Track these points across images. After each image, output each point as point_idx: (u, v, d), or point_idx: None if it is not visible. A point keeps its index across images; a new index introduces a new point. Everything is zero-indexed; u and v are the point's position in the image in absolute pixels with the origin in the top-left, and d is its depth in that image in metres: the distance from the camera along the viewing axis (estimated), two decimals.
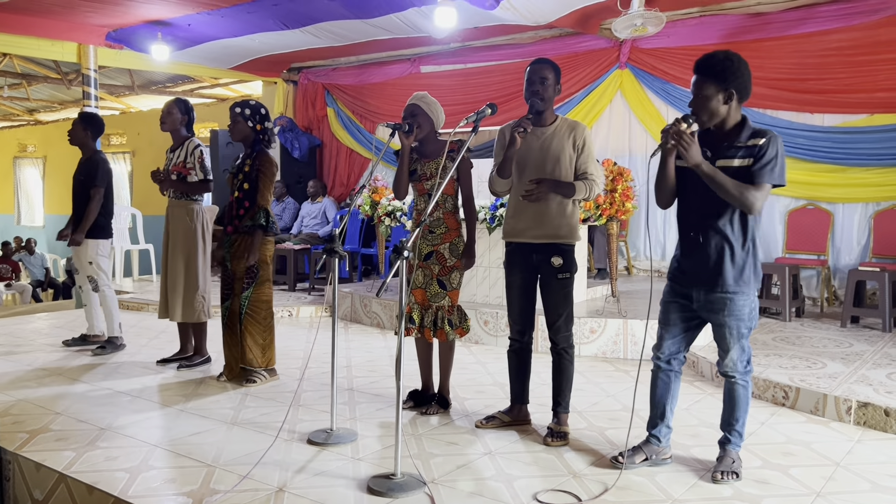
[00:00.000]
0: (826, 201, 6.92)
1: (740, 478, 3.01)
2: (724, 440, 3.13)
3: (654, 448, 3.18)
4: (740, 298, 2.93)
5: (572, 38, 8.16)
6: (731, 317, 2.95)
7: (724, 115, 2.89)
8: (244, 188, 4.37)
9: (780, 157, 2.83)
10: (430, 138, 3.87)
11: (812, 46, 6.86)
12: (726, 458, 3.07)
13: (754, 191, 2.80)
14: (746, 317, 2.97)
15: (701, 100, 2.88)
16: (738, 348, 3.00)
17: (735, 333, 2.98)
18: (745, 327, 2.98)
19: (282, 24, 7.88)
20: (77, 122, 5.45)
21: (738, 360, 3.03)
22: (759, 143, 2.83)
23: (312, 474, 3.06)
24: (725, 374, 3.09)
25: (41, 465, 3.17)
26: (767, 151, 2.82)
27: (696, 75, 2.90)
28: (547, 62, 3.52)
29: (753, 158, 2.83)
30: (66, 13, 7.82)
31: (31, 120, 16.19)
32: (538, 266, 3.54)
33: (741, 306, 2.94)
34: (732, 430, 3.10)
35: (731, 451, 3.09)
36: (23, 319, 7.06)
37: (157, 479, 3.02)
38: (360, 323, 6.76)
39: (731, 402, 3.10)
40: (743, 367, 3.05)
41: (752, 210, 2.83)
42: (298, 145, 10.22)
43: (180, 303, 4.85)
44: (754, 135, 2.87)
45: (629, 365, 5.10)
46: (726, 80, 2.85)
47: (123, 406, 4.04)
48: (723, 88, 2.85)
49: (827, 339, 5.33)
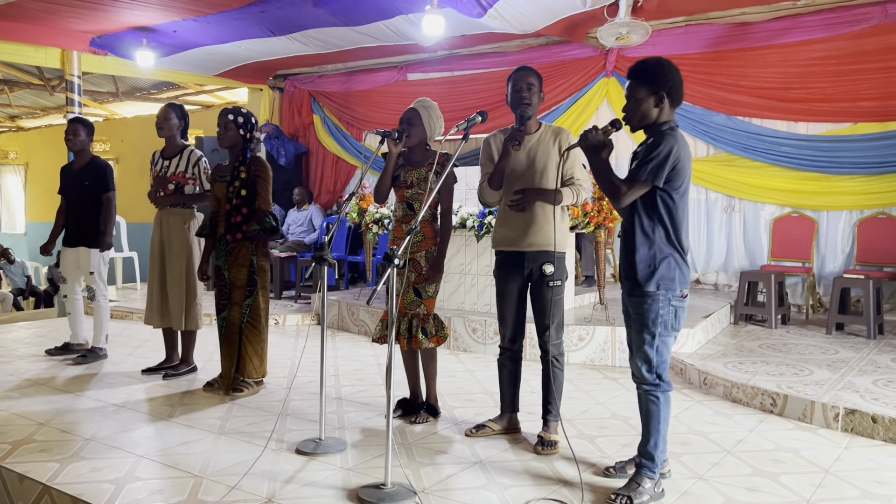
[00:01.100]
0: (811, 209, 6.99)
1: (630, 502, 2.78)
2: (638, 461, 2.95)
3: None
4: (642, 299, 2.87)
5: (559, 46, 8.19)
6: (634, 318, 2.91)
7: (656, 117, 2.91)
8: (241, 195, 4.32)
9: (659, 156, 2.78)
10: (419, 148, 3.86)
11: (796, 56, 6.93)
12: (632, 482, 2.88)
13: (625, 184, 2.83)
14: (650, 321, 2.85)
15: (633, 103, 2.92)
16: (641, 354, 2.89)
17: (637, 336, 2.89)
18: (648, 332, 2.86)
19: (268, 31, 7.84)
20: (79, 127, 5.38)
21: (642, 365, 2.88)
22: (650, 142, 2.87)
23: (301, 484, 3.02)
24: (635, 382, 2.96)
25: (24, 476, 3.11)
26: (651, 148, 2.82)
27: (629, 80, 2.96)
28: (531, 69, 3.54)
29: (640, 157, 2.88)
30: (49, 19, 7.74)
31: (12, 126, 16.01)
32: (529, 274, 3.54)
33: (645, 309, 2.86)
34: (645, 450, 2.91)
35: (642, 474, 2.89)
36: (4, 328, 6.95)
37: (144, 490, 2.98)
38: (347, 331, 6.72)
39: (643, 417, 2.94)
40: (651, 378, 2.89)
41: (617, 202, 2.84)
42: (284, 152, 10.17)
43: (182, 311, 4.81)
44: (653, 135, 2.90)
45: (617, 372, 5.10)
46: (657, 83, 2.90)
47: (109, 416, 3.98)
48: (653, 92, 2.89)
49: (813, 346, 5.36)
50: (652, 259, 2.86)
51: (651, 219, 2.87)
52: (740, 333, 5.93)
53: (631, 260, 2.88)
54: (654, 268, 2.85)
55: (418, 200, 3.80)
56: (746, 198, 7.41)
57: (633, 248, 2.87)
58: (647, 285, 2.85)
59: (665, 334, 2.88)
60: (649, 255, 2.86)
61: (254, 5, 7.02)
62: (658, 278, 2.85)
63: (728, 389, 4.40)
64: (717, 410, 4.18)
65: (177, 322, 4.83)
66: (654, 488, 2.89)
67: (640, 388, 2.94)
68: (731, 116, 7.34)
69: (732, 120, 7.33)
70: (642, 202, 2.87)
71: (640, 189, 2.83)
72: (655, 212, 2.86)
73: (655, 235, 2.87)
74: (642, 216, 2.87)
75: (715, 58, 7.34)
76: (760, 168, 7.20)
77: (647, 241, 2.87)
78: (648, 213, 2.87)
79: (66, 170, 5.53)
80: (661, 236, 2.87)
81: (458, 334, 5.79)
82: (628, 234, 2.91)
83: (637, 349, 2.91)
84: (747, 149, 7.25)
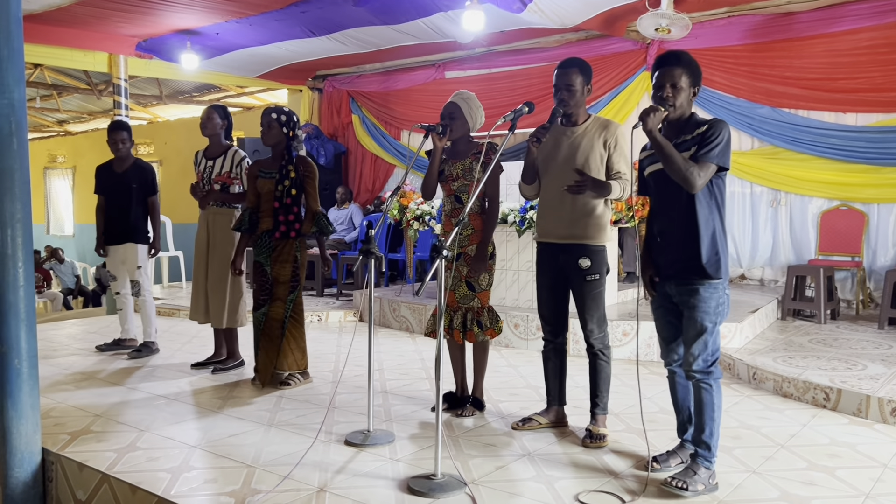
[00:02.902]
0: (860, 202, 6.82)
1: (689, 491, 2.78)
2: (694, 452, 2.94)
3: (688, 452, 3.11)
4: (706, 288, 2.84)
5: (599, 40, 8.14)
6: (695, 309, 2.85)
7: (686, 108, 2.91)
8: (292, 194, 4.39)
9: (723, 140, 2.80)
10: (462, 140, 3.87)
11: (843, 45, 6.77)
12: (688, 469, 2.88)
13: (697, 168, 2.77)
14: (712, 310, 2.84)
15: (675, 90, 2.87)
16: (700, 343, 2.86)
17: (698, 326, 2.85)
18: (710, 321, 2.84)
19: (309, 31, 7.93)
20: (125, 134, 5.48)
21: (700, 356, 2.86)
22: (702, 130, 2.84)
23: (352, 475, 3.06)
24: (688, 373, 2.94)
25: (84, 465, 3.20)
26: (711, 133, 2.81)
27: (670, 66, 2.89)
28: (574, 65, 3.45)
29: (698, 145, 2.83)
30: (97, 23, 7.94)
31: (60, 131, 16.45)
32: (565, 267, 3.51)
33: (706, 298, 2.84)
34: (700, 440, 2.90)
35: (698, 463, 2.88)
36: (56, 325, 7.15)
37: (199, 479, 3.04)
38: (388, 327, 6.76)
39: (697, 407, 2.92)
40: (705, 366, 2.87)
41: (692, 186, 2.77)
42: (324, 152, 10.28)
43: (226, 309, 4.89)
44: (701, 124, 2.88)
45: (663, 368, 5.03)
46: (695, 74, 2.91)
47: (161, 409, 4.07)
48: (695, 83, 2.91)
49: (865, 341, 5.24)
50: (715, 246, 2.85)
51: (710, 205, 2.86)
52: (788, 329, 5.82)
53: (694, 248, 2.84)
54: (718, 255, 2.84)
55: (465, 192, 3.80)
56: (793, 191, 7.26)
57: (696, 237, 2.83)
58: (713, 273, 2.83)
59: (721, 322, 2.88)
60: (712, 243, 2.85)
61: (295, 5, 7.11)
62: (722, 265, 2.85)
63: (778, 384, 4.32)
64: (768, 405, 4.11)
65: (217, 320, 4.90)
66: (710, 479, 2.86)
67: (694, 378, 2.91)
68: (777, 108, 7.20)
69: (778, 112, 7.19)
70: (703, 189, 2.84)
71: (710, 172, 2.80)
72: (713, 198, 2.86)
73: (714, 222, 2.86)
74: (703, 203, 2.85)
75: (759, 49, 7.21)
76: (807, 160, 7.05)
77: (710, 229, 2.85)
78: (707, 200, 2.85)
79: (104, 170, 5.58)
80: (719, 222, 2.87)
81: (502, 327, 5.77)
82: (685, 223, 2.86)
83: (694, 339, 2.87)
84: (793, 141, 7.11)
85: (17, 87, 3.20)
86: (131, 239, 5.44)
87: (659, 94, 2.89)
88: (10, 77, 3.19)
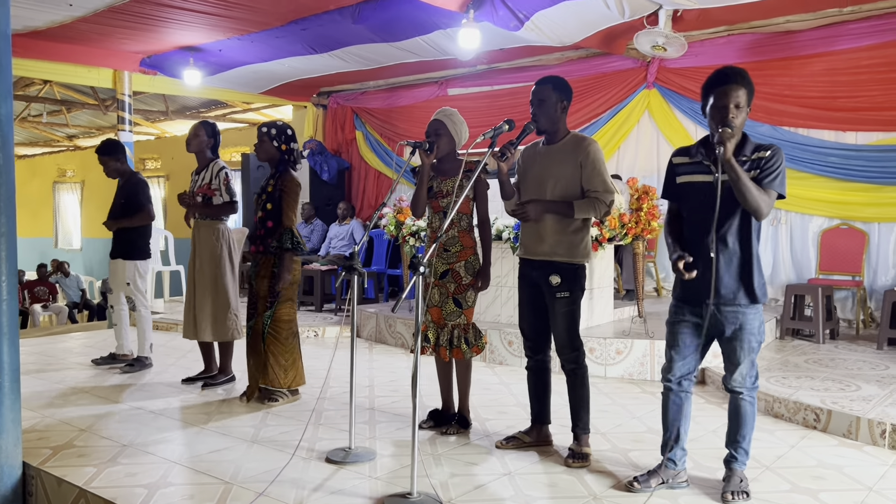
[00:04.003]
0: (861, 221, 6.76)
1: (750, 497, 2.95)
2: (730, 458, 3.08)
3: (669, 472, 3.10)
4: (753, 311, 2.94)
5: (599, 58, 8.15)
6: (743, 331, 2.94)
7: (741, 127, 2.86)
8: (267, 208, 4.40)
9: (783, 168, 2.86)
10: (450, 157, 3.87)
11: (843, 64, 6.75)
12: (734, 477, 3.03)
13: (765, 195, 2.81)
14: (757, 330, 2.96)
15: (736, 109, 2.82)
16: (748, 363, 2.99)
17: (746, 347, 2.96)
18: (756, 341, 2.97)
19: (310, 48, 7.99)
20: (104, 158, 5.55)
21: (748, 374, 3.00)
22: (765, 155, 2.86)
23: (329, 492, 3.04)
24: (733, 390, 3.05)
25: (62, 480, 3.19)
26: (773, 162, 2.85)
27: (735, 84, 2.82)
28: (548, 81, 3.45)
29: (760, 170, 2.84)
30: (102, 40, 8.04)
31: (70, 146, 16.63)
32: (538, 284, 3.50)
33: (752, 320, 2.94)
34: (738, 447, 3.05)
35: (737, 469, 3.05)
36: (56, 339, 7.18)
37: (175, 495, 3.02)
38: (384, 343, 6.75)
39: (738, 419, 3.05)
40: (751, 383, 3.02)
41: (761, 215, 2.82)
42: (327, 168, 10.33)
43: (210, 322, 4.88)
44: (758, 148, 2.90)
45: (656, 387, 4.98)
46: (752, 92, 2.89)
47: (146, 424, 4.06)
48: (750, 101, 2.89)
49: (862, 362, 5.17)
50: (761, 271, 2.96)
51: (756, 233, 2.94)
52: (786, 348, 5.76)
53: (748, 276, 2.91)
54: (762, 279, 2.95)
55: None
56: (793, 210, 7.21)
57: (749, 264, 2.91)
58: (761, 297, 2.94)
59: (763, 341, 3.02)
60: (759, 268, 2.95)
61: (295, 23, 7.17)
62: (766, 289, 2.98)
63: (770, 404, 4.26)
64: (758, 426, 3.97)
65: (204, 333, 4.88)
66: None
67: (739, 394, 3.01)
68: (776, 126, 7.17)
69: (777, 130, 7.16)
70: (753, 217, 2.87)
71: (773, 200, 2.85)
72: (758, 226, 2.93)
73: (756, 248, 2.95)
74: (752, 230, 2.92)
75: (758, 67, 7.18)
76: (807, 179, 7.01)
77: (756, 255, 2.94)
78: (756, 227, 2.93)
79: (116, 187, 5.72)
80: (756, 249, 2.95)
81: (494, 347, 5.76)
82: (738, 247, 2.90)
83: (742, 360, 2.97)
84: (793, 160, 7.06)
85: (3, 102, 3.24)
86: (121, 255, 5.48)
87: (721, 114, 2.81)
88: None
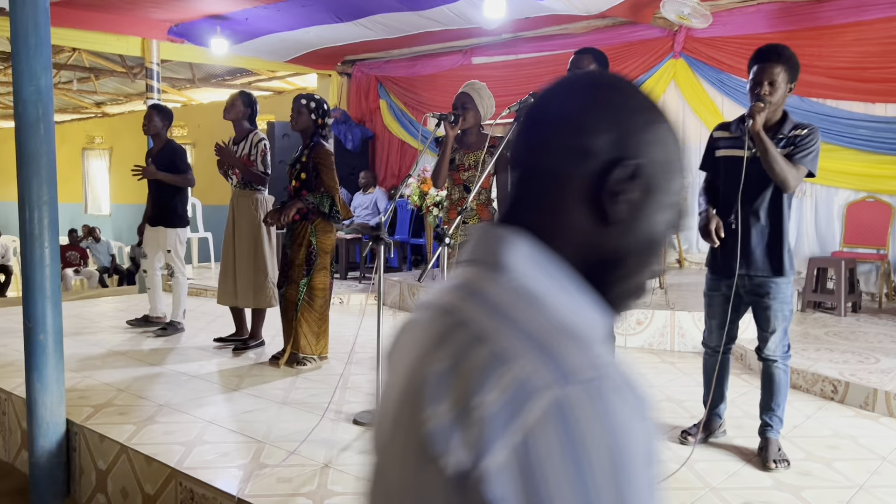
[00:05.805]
0: (888, 194, 6.71)
1: (790, 465, 3.03)
2: (765, 426, 3.15)
3: (714, 424, 3.32)
4: (784, 282, 3.02)
5: (625, 27, 8.08)
6: (775, 300, 3.03)
7: (781, 104, 2.91)
8: (301, 177, 4.50)
9: (817, 147, 2.92)
10: (474, 130, 3.92)
11: (874, 34, 6.65)
12: (771, 445, 3.11)
13: (794, 170, 2.88)
14: (789, 300, 3.05)
15: (773, 87, 2.88)
16: (781, 331, 3.07)
17: (780, 316, 3.05)
18: (788, 310, 3.06)
19: (335, 16, 8.01)
20: (153, 113, 5.67)
21: (780, 343, 3.11)
22: (801, 133, 2.93)
23: (356, 452, 3.17)
24: (766, 359, 3.13)
25: (104, 436, 3.36)
26: (808, 139, 2.91)
27: (770, 62, 2.89)
28: (588, 53, 3.46)
29: (794, 146, 2.91)
30: (130, 8, 8.12)
31: (98, 112, 16.83)
32: None
33: (784, 290, 3.03)
34: (773, 415, 3.14)
35: (772, 438, 3.12)
36: (89, 302, 7.40)
37: (212, 452, 3.18)
38: (408, 311, 6.87)
39: (771, 387, 3.14)
40: (783, 351, 3.13)
41: (788, 187, 2.89)
42: (351, 137, 10.39)
43: (251, 289, 5.03)
44: (797, 126, 2.96)
45: (675, 357, 5.07)
46: (793, 70, 2.92)
47: (181, 385, 4.23)
48: (793, 79, 2.93)
49: (883, 335, 5.20)
50: (790, 247, 3.05)
51: (790, 206, 3.02)
52: (807, 321, 5.79)
53: (778, 249, 3.00)
54: (791, 252, 3.05)
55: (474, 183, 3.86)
56: (819, 182, 7.15)
57: (780, 238, 3.01)
58: (789, 272, 3.03)
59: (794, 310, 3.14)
60: (788, 244, 3.04)
61: None
62: (794, 262, 3.07)
63: None
64: None
65: (244, 300, 5.06)
66: None
67: (773, 363, 3.12)
68: (804, 98, 7.09)
69: (805, 101, 7.09)
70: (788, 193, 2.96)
71: (802, 175, 2.94)
72: (790, 202, 3.01)
73: (787, 224, 3.03)
74: (783, 206, 2.99)
75: (787, 37, 7.07)
76: (834, 151, 6.94)
77: (786, 231, 3.03)
78: (789, 200, 3.01)
79: (148, 154, 5.83)
80: (787, 222, 3.04)
81: None
82: (770, 220, 3.00)
83: (777, 329, 3.08)
84: (821, 131, 6.99)
85: (44, 74, 3.35)
86: (161, 222, 5.62)
87: (756, 90, 2.91)
88: (38, 65, 3.33)
